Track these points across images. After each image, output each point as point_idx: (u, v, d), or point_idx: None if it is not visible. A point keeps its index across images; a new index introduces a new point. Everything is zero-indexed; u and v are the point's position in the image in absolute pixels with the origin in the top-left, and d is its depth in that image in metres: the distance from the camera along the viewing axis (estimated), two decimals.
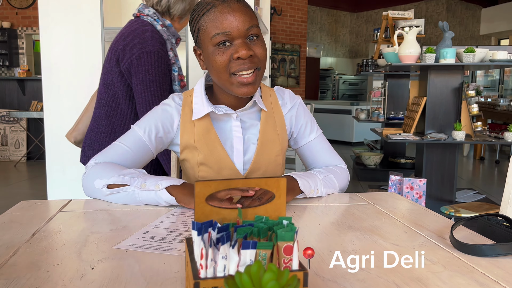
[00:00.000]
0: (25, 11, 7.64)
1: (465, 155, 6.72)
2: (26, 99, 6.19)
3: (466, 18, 10.87)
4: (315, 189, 1.05)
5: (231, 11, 0.96)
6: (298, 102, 1.20)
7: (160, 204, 0.96)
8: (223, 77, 1.00)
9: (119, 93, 1.53)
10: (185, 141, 1.10)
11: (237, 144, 1.11)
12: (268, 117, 1.13)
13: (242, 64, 0.97)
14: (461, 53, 2.92)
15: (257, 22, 1.01)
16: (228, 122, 1.11)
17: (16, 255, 0.68)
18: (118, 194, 0.97)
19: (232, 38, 0.97)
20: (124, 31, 1.57)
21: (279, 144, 1.14)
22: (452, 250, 0.71)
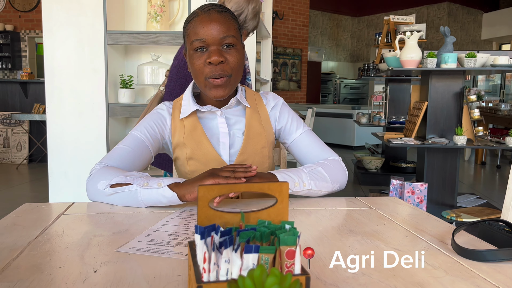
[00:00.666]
0: (28, 14, 7.68)
1: (466, 160, 6.71)
2: (29, 101, 6.21)
3: (467, 23, 10.88)
4: (300, 182, 1.06)
5: (209, 20, 1.07)
6: (281, 102, 1.27)
7: (162, 203, 0.97)
8: (200, 80, 1.11)
9: None
10: (176, 139, 1.18)
11: (223, 138, 1.18)
12: (253, 112, 1.21)
13: (213, 70, 1.07)
14: (462, 58, 2.93)
15: (235, 33, 1.10)
16: (214, 120, 1.19)
17: (19, 257, 0.68)
18: (120, 193, 0.98)
19: (207, 44, 1.08)
20: None
21: (264, 137, 1.20)
22: (454, 255, 0.72)
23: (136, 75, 2.67)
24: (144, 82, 2.60)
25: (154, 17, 2.53)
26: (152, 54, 2.60)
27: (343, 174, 1.18)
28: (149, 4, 2.54)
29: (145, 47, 2.71)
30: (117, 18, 2.61)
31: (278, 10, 8.76)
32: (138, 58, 2.76)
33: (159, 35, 2.47)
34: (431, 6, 10.75)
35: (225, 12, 1.11)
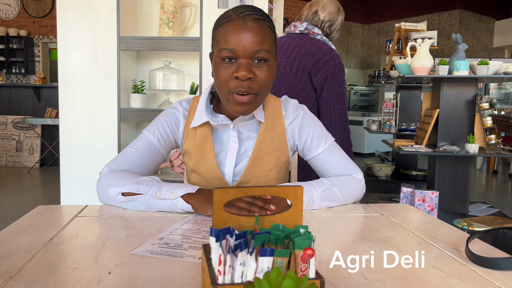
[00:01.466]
0: (42, 20, 7.80)
1: (478, 168, 6.63)
2: (41, 106, 6.29)
3: (479, 30, 10.81)
4: (310, 203, 1.02)
5: (243, 29, 0.95)
6: (302, 114, 1.16)
7: (175, 211, 0.97)
8: (222, 92, 1.01)
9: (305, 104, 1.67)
10: (186, 146, 1.14)
11: (231, 155, 1.11)
12: (267, 129, 1.12)
13: (240, 86, 0.96)
14: (474, 65, 2.91)
15: (269, 46, 0.98)
16: (226, 132, 1.13)
17: (34, 258, 0.69)
18: (133, 202, 0.99)
19: (237, 56, 0.96)
20: (308, 47, 1.72)
21: (274, 158, 1.12)
22: (468, 263, 0.71)
23: (148, 81, 2.69)
24: (155, 87, 2.63)
25: (166, 23, 2.56)
26: (164, 59, 2.62)
27: (360, 193, 1.14)
28: (162, 10, 2.57)
29: (157, 52, 2.74)
30: (130, 24, 2.65)
31: (288, 17, 8.79)
32: (150, 64, 2.79)
33: (171, 41, 2.49)
34: (443, 14, 10.70)
35: (263, 20, 0.98)
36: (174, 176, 2.56)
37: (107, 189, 1.01)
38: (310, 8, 1.83)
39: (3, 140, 6.11)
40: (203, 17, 2.48)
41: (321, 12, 1.79)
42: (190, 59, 2.74)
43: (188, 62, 2.76)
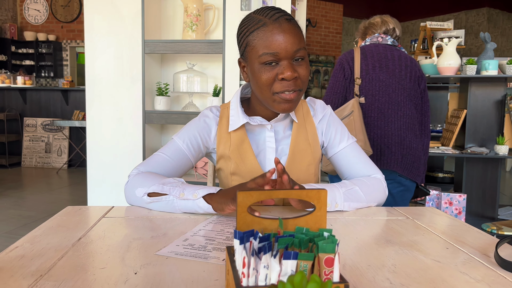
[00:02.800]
0: (70, 24, 8.02)
1: (508, 171, 6.44)
2: (69, 108, 6.47)
3: (508, 28, 10.49)
4: (332, 203, 1.02)
5: (281, 32, 0.98)
6: (328, 112, 1.21)
7: (198, 212, 0.98)
8: (266, 94, 1.03)
9: (417, 109, 2.01)
10: (221, 151, 1.14)
11: (270, 155, 1.14)
12: (300, 127, 1.16)
13: (286, 86, 1.00)
14: (504, 64, 2.83)
15: (304, 44, 1.02)
16: (262, 134, 1.15)
17: (64, 258, 0.71)
18: (158, 202, 1.00)
19: (279, 58, 0.99)
20: (410, 58, 2.02)
21: (310, 154, 1.16)
22: (497, 269, 0.69)
23: (172, 83, 2.73)
24: (179, 90, 2.66)
25: (190, 26, 2.59)
26: (187, 62, 2.65)
27: (383, 194, 1.13)
28: (185, 13, 2.60)
29: (181, 55, 2.78)
30: (154, 28, 2.69)
31: (311, 17, 8.75)
32: (174, 66, 2.83)
33: (194, 43, 2.52)
34: (470, 12, 10.44)
35: (294, 20, 1.02)
36: (198, 177, 2.58)
37: (134, 190, 1.03)
38: (388, 24, 2.09)
39: (33, 142, 6.30)
40: (226, 19, 2.50)
41: (397, 29, 2.10)
42: (213, 61, 2.77)
43: (211, 64, 2.78)
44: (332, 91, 1.97)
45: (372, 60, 1.96)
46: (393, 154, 1.88)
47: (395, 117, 1.92)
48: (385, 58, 1.97)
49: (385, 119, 1.91)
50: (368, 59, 1.97)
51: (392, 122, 1.91)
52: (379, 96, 1.92)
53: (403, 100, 1.93)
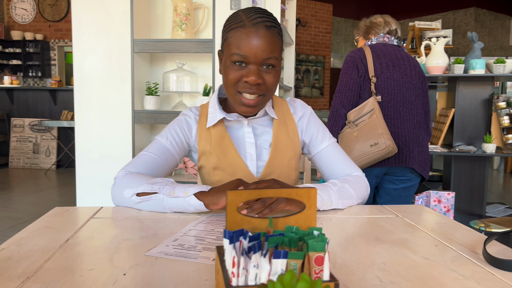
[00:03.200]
0: (58, 24, 7.92)
1: (495, 168, 6.52)
2: (57, 108, 6.40)
3: (495, 28, 10.63)
4: (329, 202, 1.03)
5: (256, 36, 1.00)
6: (308, 111, 1.24)
7: (189, 210, 0.98)
8: (230, 92, 1.08)
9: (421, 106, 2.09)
10: (202, 147, 1.17)
11: (250, 149, 1.16)
12: (280, 123, 1.19)
13: (248, 87, 1.03)
14: (491, 64, 2.86)
15: (278, 54, 1.04)
16: (240, 129, 1.18)
17: (51, 259, 0.70)
18: (147, 202, 1.00)
19: (248, 61, 1.02)
20: (414, 60, 2.11)
21: (292, 148, 1.18)
22: (485, 265, 0.70)
23: (162, 83, 2.71)
24: (169, 89, 2.65)
25: (179, 25, 2.58)
26: (177, 61, 2.64)
27: (366, 191, 1.16)
28: (175, 12, 2.58)
29: (170, 55, 2.76)
30: (143, 27, 2.67)
31: (301, 17, 8.77)
32: (163, 66, 2.81)
33: (184, 43, 2.50)
34: (458, 12, 10.55)
35: (274, 28, 1.04)
36: (188, 177, 2.57)
37: (122, 191, 1.02)
38: (390, 25, 2.15)
39: (20, 142, 6.22)
40: (215, 19, 2.49)
41: (399, 30, 2.17)
42: (203, 61, 2.76)
43: (201, 64, 2.77)
44: (347, 88, 1.98)
45: (385, 59, 2.01)
46: (411, 151, 1.95)
47: (410, 116, 1.99)
48: (395, 58, 2.03)
49: (401, 118, 1.97)
50: (381, 58, 2.01)
51: (407, 120, 1.98)
52: (394, 95, 1.98)
53: (414, 99, 2.02)
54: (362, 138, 1.90)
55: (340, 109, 1.98)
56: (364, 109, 1.94)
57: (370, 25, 2.20)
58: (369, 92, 1.98)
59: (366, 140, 1.89)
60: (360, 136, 1.91)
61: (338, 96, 1.99)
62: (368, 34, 2.21)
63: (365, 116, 1.92)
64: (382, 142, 1.86)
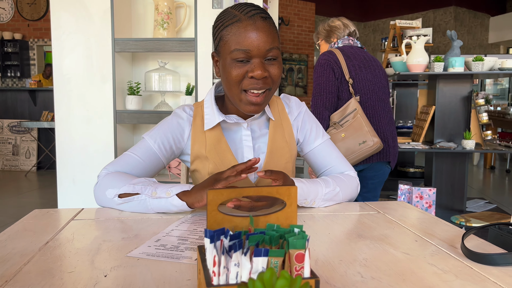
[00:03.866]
0: (37, 23, 7.77)
1: (475, 164, 6.66)
2: (37, 109, 6.28)
3: (474, 26, 10.84)
4: (311, 202, 1.04)
5: (255, 29, 0.97)
6: (304, 109, 1.22)
7: (171, 211, 0.97)
8: (234, 91, 1.01)
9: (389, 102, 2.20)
10: (196, 151, 1.12)
11: (247, 153, 1.12)
12: (276, 125, 1.16)
13: (255, 83, 0.99)
14: (470, 61, 2.92)
15: (278, 44, 1.01)
16: (238, 132, 1.13)
17: (30, 263, 0.69)
18: (130, 203, 0.98)
19: (250, 56, 0.98)
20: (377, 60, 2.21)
21: (288, 151, 1.16)
22: (464, 259, 0.71)
23: (144, 82, 2.69)
24: (151, 89, 2.62)
25: (161, 24, 2.56)
26: (159, 61, 2.62)
27: (356, 192, 1.16)
28: (156, 11, 2.56)
29: (152, 54, 2.74)
30: (124, 26, 2.64)
31: (283, 16, 8.79)
32: (145, 65, 2.78)
33: (166, 42, 2.49)
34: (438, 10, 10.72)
35: (269, 19, 1.01)
36: (172, 177, 2.56)
37: (105, 191, 1.01)
38: (349, 27, 2.28)
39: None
40: (197, 17, 2.48)
41: (357, 32, 2.30)
42: (186, 60, 2.74)
43: (184, 63, 2.76)
44: (326, 91, 2.04)
45: (357, 61, 2.10)
46: (390, 146, 2.08)
47: (384, 113, 2.10)
48: (365, 59, 2.12)
49: (378, 116, 2.08)
50: (352, 60, 2.10)
51: (383, 118, 2.09)
52: (370, 95, 2.07)
53: (385, 98, 2.13)
54: (349, 138, 1.98)
55: (324, 111, 2.03)
56: (347, 110, 2.00)
57: (330, 29, 2.29)
58: (348, 93, 2.05)
59: (353, 139, 1.97)
60: (347, 136, 1.98)
61: (319, 99, 2.04)
62: (329, 37, 2.30)
63: (349, 116, 1.99)
64: (370, 139, 1.95)
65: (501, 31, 10.46)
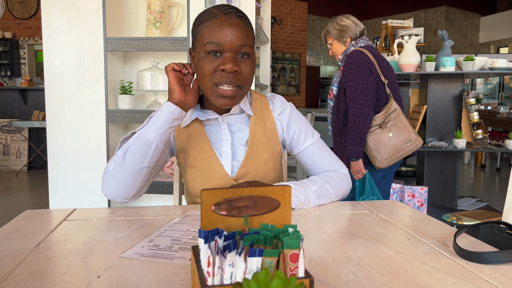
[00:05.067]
0: (27, 21, 7.70)
1: (466, 163, 6.71)
2: (28, 108, 6.21)
3: (465, 26, 10.92)
4: (306, 201, 1.05)
5: (229, 25, 1.00)
6: (288, 108, 1.20)
7: (169, 123, 1.00)
8: (206, 85, 1.03)
9: None
10: (179, 145, 1.16)
11: (226, 147, 1.13)
12: (257, 121, 1.16)
13: (225, 77, 1.00)
14: (460, 61, 2.94)
15: (252, 42, 1.04)
16: (217, 126, 1.15)
17: (22, 264, 0.68)
18: (130, 148, 1.00)
19: (223, 50, 1.00)
20: None
21: (269, 149, 1.15)
22: (456, 258, 0.72)
23: (136, 81, 2.67)
24: (144, 88, 2.61)
25: (153, 23, 2.54)
26: (151, 60, 2.60)
27: (348, 188, 1.17)
28: (148, 10, 2.55)
29: (145, 53, 2.72)
30: (116, 25, 2.62)
31: (276, 15, 8.80)
32: (137, 64, 2.77)
33: (158, 41, 2.47)
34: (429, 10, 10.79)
35: (245, 18, 1.04)
36: (164, 177, 2.55)
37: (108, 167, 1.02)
38: (360, 26, 2.32)
39: None
40: (190, 17, 2.47)
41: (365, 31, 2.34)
42: (178, 59, 2.73)
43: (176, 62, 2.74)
44: (368, 92, 2.11)
45: (383, 62, 2.18)
46: None
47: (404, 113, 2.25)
48: (385, 61, 2.20)
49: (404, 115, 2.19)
50: (381, 62, 2.18)
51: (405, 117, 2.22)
52: (397, 95, 2.19)
53: (400, 98, 2.24)
54: (396, 137, 2.10)
55: (369, 111, 2.10)
56: (389, 110, 2.11)
57: (341, 28, 2.30)
58: (385, 93, 2.14)
59: (400, 138, 2.10)
60: (394, 136, 2.10)
61: (362, 99, 2.10)
62: (342, 37, 2.30)
63: (390, 116, 2.10)
64: (415, 138, 2.12)
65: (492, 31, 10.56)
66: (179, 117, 1.02)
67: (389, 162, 2.11)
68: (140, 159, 1.00)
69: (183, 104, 1.02)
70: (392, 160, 2.12)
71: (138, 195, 1.07)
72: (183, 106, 1.02)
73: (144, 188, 1.08)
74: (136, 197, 1.06)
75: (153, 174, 1.11)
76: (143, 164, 1.01)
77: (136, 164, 1.00)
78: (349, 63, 2.13)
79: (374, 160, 2.12)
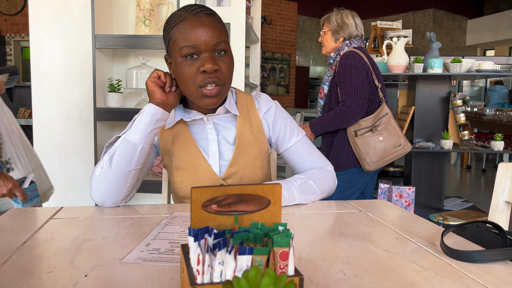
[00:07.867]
0: (14, 17, 7.59)
1: (452, 164, 6.80)
2: (14, 106, 6.11)
3: (452, 29, 11.06)
4: (290, 197, 1.05)
5: (200, 25, 0.99)
6: (274, 106, 1.20)
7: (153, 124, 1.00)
8: (190, 88, 1.03)
9: None
10: (163, 147, 1.15)
11: (212, 147, 1.13)
12: (244, 121, 1.15)
13: (207, 77, 1.00)
14: (448, 63, 2.98)
15: (226, 38, 1.03)
16: (202, 126, 1.15)
17: (7, 262, 0.67)
18: (116, 153, 0.99)
19: (199, 51, 1.00)
20: None
21: (257, 147, 1.15)
22: (443, 257, 0.73)
23: (125, 79, 2.65)
24: (132, 86, 2.59)
25: (142, 21, 2.52)
26: (140, 58, 2.58)
27: (333, 185, 1.18)
28: (138, 8, 2.53)
29: (134, 51, 2.70)
30: (105, 22, 2.60)
31: (266, 15, 8.81)
32: (126, 62, 2.74)
33: (147, 39, 2.46)
34: (417, 13, 10.91)
35: (214, 15, 1.03)
36: (153, 176, 2.53)
37: (94, 172, 1.01)
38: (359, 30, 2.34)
39: None
40: None
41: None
42: None
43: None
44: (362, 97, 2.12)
45: (374, 65, 2.21)
46: None
47: None
48: (375, 63, 2.22)
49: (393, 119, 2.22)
50: (373, 64, 2.20)
51: None
52: (386, 98, 2.21)
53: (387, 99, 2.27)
54: (386, 141, 2.12)
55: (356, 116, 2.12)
56: (380, 114, 2.13)
57: (342, 24, 2.30)
58: (377, 97, 2.17)
59: (390, 143, 2.12)
60: (384, 140, 2.11)
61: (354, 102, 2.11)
62: (338, 33, 2.30)
63: (381, 120, 2.12)
64: (404, 143, 2.13)
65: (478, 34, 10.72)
66: (162, 118, 1.02)
67: (378, 165, 2.13)
68: (127, 163, 1.00)
69: (165, 104, 1.02)
70: (381, 164, 2.14)
71: (128, 198, 1.06)
72: (165, 107, 1.02)
73: (133, 191, 1.07)
74: (126, 200, 1.06)
75: (141, 176, 1.11)
76: (130, 167, 1.01)
77: (123, 168, 1.00)
78: (346, 64, 2.13)
79: (364, 162, 2.13)
